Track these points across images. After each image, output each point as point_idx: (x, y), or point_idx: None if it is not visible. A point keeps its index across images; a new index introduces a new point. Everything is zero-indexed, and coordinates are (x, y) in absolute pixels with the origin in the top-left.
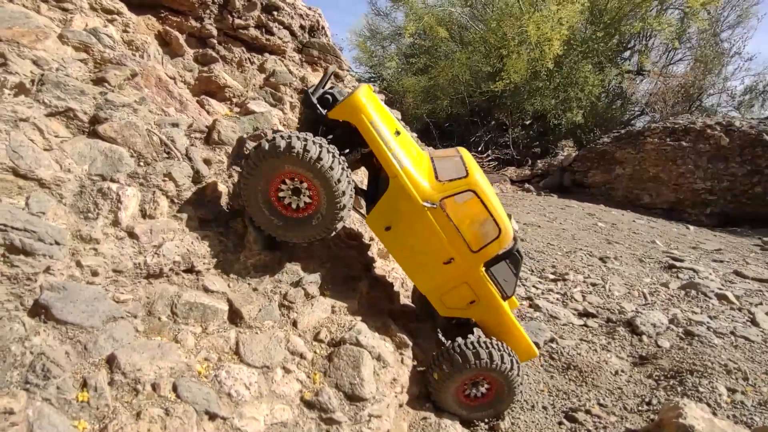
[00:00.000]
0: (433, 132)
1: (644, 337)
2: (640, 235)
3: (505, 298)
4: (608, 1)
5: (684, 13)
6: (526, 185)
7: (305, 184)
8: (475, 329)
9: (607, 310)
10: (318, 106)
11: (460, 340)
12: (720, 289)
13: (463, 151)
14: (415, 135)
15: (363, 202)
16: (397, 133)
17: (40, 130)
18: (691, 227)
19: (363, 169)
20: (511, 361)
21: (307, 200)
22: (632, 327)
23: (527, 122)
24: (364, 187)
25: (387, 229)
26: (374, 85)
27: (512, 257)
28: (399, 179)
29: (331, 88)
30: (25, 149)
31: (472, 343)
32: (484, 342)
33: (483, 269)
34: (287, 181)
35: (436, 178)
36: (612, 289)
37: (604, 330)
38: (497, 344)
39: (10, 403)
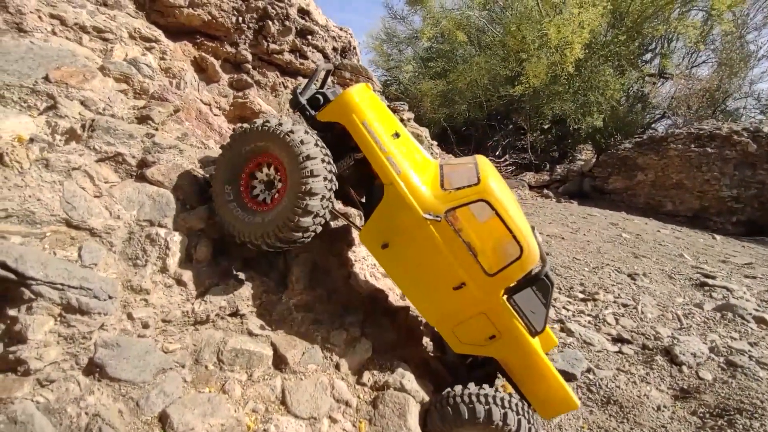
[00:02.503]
0: (451, 137)
1: (684, 368)
2: (667, 248)
3: (534, 333)
4: (630, 4)
5: (708, 14)
6: (545, 191)
7: (279, 175)
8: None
9: (642, 335)
10: (307, 107)
11: (465, 388)
12: (757, 310)
13: (480, 158)
14: (435, 143)
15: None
16: (397, 135)
17: (91, 177)
18: (718, 237)
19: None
20: (519, 422)
21: (279, 186)
22: (671, 356)
23: (546, 126)
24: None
25: (384, 246)
26: (404, 104)
27: (540, 283)
28: (395, 187)
29: (328, 88)
30: (78, 199)
31: (470, 395)
32: (485, 396)
33: (504, 297)
34: (260, 171)
35: (442, 186)
36: (644, 311)
37: (641, 358)
38: (501, 399)
39: None
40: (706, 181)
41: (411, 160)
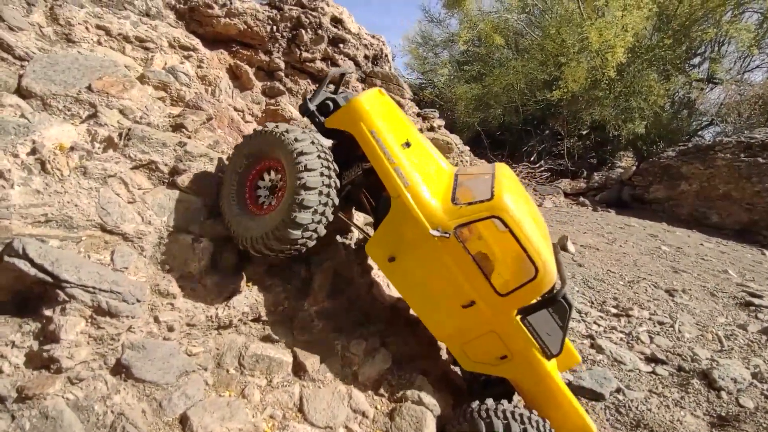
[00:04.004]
0: (484, 141)
1: (723, 394)
2: (710, 262)
3: (549, 356)
4: (678, 6)
5: (763, 16)
6: (581, 199)
7: (282, 181)
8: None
9: (679, 356)
10: (316, 113)
11: (483, 403)
12: None
13: (500, 167)
14: (467, 149)
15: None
16: (407, 144)
17: (126, 184)
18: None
19: None
20: None
21: (280, 194)
22: (709, 380)
23: (584, 132)
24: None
25: (390, 260)
26: (434, 111)
27: (557, 305)
28: (402, 200)
29: (341, 93)
30: (113, 205)
31: (487, 410)
32: (503, 411)
33: (518, 317)
34: (268, 174)
35: (453, 200)
36: (682, 330)
37: (675, 380)
38: (521, 415)
39: None
40: (756, 192)
41: (422, 172)
